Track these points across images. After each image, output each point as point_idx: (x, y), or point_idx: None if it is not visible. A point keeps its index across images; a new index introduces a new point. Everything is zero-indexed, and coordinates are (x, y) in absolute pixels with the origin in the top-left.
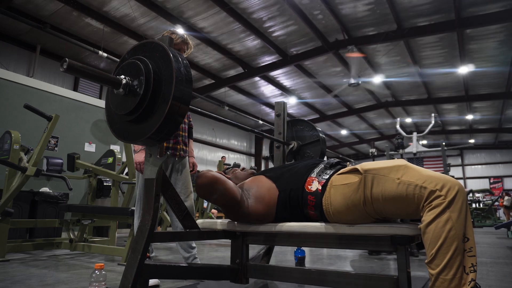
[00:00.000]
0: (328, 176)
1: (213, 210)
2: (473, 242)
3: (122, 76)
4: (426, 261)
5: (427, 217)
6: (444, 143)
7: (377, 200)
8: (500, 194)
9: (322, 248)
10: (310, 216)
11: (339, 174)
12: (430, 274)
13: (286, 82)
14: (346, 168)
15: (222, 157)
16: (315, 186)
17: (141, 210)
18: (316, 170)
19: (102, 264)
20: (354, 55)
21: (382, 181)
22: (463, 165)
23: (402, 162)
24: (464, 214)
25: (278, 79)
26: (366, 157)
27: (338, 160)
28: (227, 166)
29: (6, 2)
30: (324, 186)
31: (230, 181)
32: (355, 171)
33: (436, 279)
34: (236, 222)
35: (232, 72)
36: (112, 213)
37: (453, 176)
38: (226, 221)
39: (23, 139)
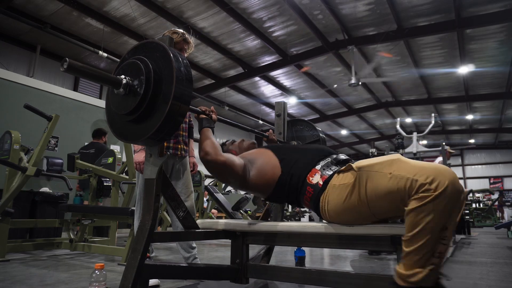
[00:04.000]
0: (331, 172)
1: (213, 210)
2: (450, 232)
3: (122, 76)
4: (403, 237)
5: (411, 203)
6: (444, 143)
7: (371, 198)
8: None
9: (322, 248)
10: (304, 205)
11: (338, 173)
12: (403, 249)
13: (286, 82)
14: (344, 167)
15: None
16: (316, 179)
17: (141, 210)
18: (322, 163)
19: (102, 264)
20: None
21: (375, 177)
22: (463, 165)
23: (395, 156)
24: (449, 209)
25: (278, 79)
26: (366, 157)
27: (347, 157)
28: (224, 141)
29: (6, 2)
30: (326, 182)
31: (235, 158)
32: (350, 169)
33: (407, 255)
34: (236, 221)
35: (232, 72)
36: (112, 213)
37: None
38: (226, 221)
39: (23, 139)
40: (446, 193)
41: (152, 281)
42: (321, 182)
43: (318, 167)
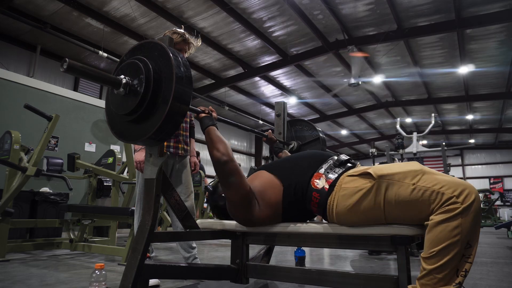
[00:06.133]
0: (336, 175)
1: None
2: (475, 250)
3: (122, 76)
4: (422, 254)
5: (437, 217)
6: (444, 143)
7: (389, 206)
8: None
9: (322, 248)
10: (312, 212)
11: (349, 175)
12: (422, 267)
13: (286, 82)
14: (357, 170)
15: None
16: (321, 183)
17: (141, 210)
18: (325, 166)
19: (102, 264)
20: (357, 54)
21: (396, 186)
22: (463, 165)
23: (418, 166)
24: (475, 222)
25: (278, 79)
26: (366, 157)
27: (348, 157)
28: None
29: (7, 2)
30: (332, 185)
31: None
32: (367, 174)
33: (428, 274)
34: (236, 222)
35: (232, 72)
36: (112, 213)
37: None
38: (226, 221)
39: (23, 139)
40: (473, 206)
41: (152, 281)
42: (327, 186)
43: (321, 170)
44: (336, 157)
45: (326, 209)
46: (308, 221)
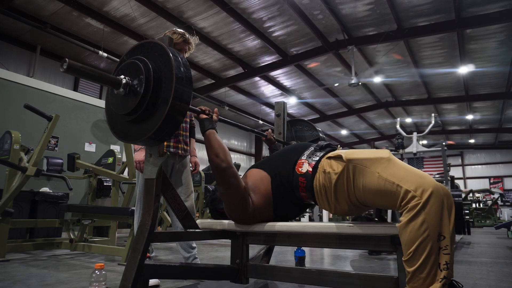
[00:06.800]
0: (318, 158)
1: None
2: (448, 240)
3: (122, 76)
4: (403, 258)
5: (404, 218)
6: (444, 143)
7: (358, 190)
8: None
9: (322, 248)
10: (302, 197)
11: (327, 158)
12: (406, 271)
13: (286, 82)
14: (333, 153)
15: None
16: (305, 168)
17: (141, 210)
18: (306, 153)
19: (102, 264)
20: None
21: (363, 172)
22: (463, 165)
23: (385, 154)
24: (440, 214)
25: (278, 79)
26: None
27: (328, 142)
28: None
29: (7, 2)
30: (315, 168)
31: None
32: (339, 157)
33: (413, 276)
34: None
35: (232, 72)
36: (112, 213)
37: (452, 176)
38: (226, 221)
39: (23, 139)
40: (432, 198)
41: (152, 281)
42: (310, 169)
43: (303, 157)
44: (316, 144)
45: (314, 193)
46: (308, 220)
